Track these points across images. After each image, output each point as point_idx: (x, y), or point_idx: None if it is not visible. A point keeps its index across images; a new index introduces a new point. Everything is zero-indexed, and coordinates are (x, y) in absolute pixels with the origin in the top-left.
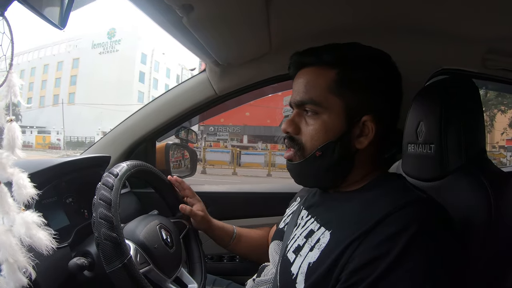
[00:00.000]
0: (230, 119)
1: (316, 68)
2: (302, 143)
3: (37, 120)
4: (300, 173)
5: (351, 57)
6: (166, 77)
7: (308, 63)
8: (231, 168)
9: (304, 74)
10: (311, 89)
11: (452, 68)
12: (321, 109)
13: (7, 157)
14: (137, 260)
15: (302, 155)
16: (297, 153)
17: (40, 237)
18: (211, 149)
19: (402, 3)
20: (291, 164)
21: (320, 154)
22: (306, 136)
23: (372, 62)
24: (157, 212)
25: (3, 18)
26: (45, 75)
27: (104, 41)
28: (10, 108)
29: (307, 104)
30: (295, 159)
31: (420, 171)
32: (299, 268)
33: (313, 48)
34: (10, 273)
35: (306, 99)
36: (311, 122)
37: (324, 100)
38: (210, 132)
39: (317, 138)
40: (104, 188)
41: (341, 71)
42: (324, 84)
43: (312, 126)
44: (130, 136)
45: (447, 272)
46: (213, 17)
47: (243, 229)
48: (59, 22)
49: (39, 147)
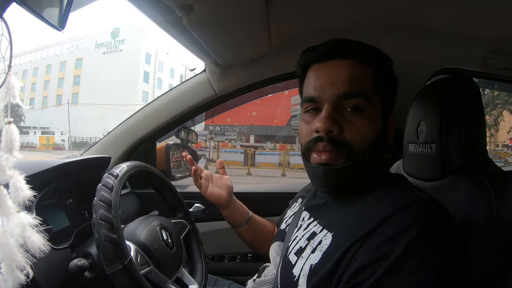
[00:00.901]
0: (237, 119)
1: (357, 61)
2: (348, 142)
3: (40, 120)
4: (343, 178)
5: (382, 57)
6: (170, 77)
7: (350, 54)
8: (244, 169)
9: (344, 66)
10: (358, 81)
11: (453, 68)
12: (367, 104)
13: (6, 159)
14: (138, 261)
15: (349, 156)
16: (343, 155)
17: (34, 240)
18: (225, 149)
19: (403, 3)
20: (332, 169)
21: (369, 154)
22: (353, 134)
23: (391, 65)
24: (158, 212)
25: (2, 19)
26: (48, 76)
27: (108, 41)
28: (9, 110)
29: (354, 97)
30: (338, 162)
31: (420, 171)
32: (301, 270)
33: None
34: (9, 272)
35: (354, 91)
36: (356, 119)
37: (371, 94)
38: (218, 132)
39: (367, 136)
40: (104, 189)
41: (378, 70)
42: (370, 78)
43: (360, 124)
44: (131, 136)
45: (448, 273)
46: (212, 18)
47: (257, 216)
48: (58, 23)
49: (43, 148)
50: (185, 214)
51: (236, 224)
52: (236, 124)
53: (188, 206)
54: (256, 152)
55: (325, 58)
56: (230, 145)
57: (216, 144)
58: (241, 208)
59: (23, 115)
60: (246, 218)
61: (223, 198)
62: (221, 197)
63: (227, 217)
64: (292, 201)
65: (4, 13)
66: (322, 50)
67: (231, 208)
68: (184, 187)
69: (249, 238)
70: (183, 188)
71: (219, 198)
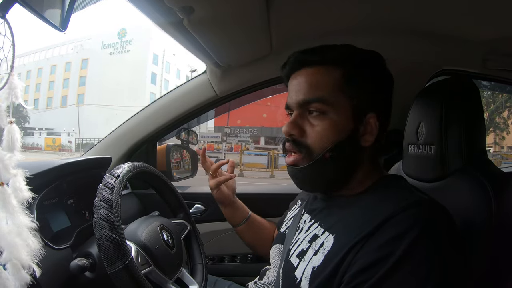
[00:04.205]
0: (247, 121)
1: (320, 67)
2: (308, 145)
3: (45, 121)
4: (307, 178)
5: (353, 56)
6: (176, 78)
7: (311, 62)
8: (268, 171)
9: (306, 74)
10: (317, 87)
11: (453, 69)
12: (328, 107)
13: (10, 158)
14: (138, 261)
15: (309, 158)
16: (303, 156)
17: (29, 244)
18: (248, 151)
19: (402, 4)
20: (296, 169)
21: (330, 155)
22: (313, 138)
23: (370, 62)
24: (158, 213)
25: (4, 20)
26: (53, 76)
27: (114, 41)
28: (11, 109)
29: (313, 103)
30: (301, 163)
31: (420, 172)
32: (303, 272)
33: (314, 48)
34: (15, 272)
35: (312, 98)
36: (318, 123)
37: (332, 98)
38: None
39: (326, 138)
40: (105, 189)
41: (347, 70)
42: (331, 82)
43: (320, 127)
44: (131, 137)
45: (449, 274)
46: (213, 19)
47: (257, 216)
48: (60, 24)
49: (48, 149)
50: (185, 215)
51: (236, 222)
52: (247, 126)
53: (188, 206)
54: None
55: (294, 69)
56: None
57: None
58: (241, 207)
59: (28, 116)
60: (246, 217)
61: (230, 197)
62: (228, 196)
63: (228, 215)
64: (292, 203)
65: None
66: (290, 63)
67: (233, 207)
68: (184, 188)
69: (248, 237)
70: (183, 189)
71: (226, 197)
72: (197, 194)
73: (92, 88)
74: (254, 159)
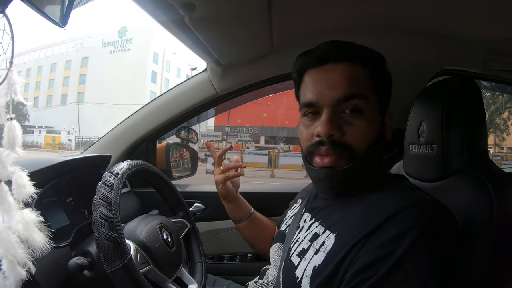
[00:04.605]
0: (247, 120)
1: (353, 63)
2: (349, 145)
3: (45, 119)
4: (347, 179)
5: (375, 56)
6: (176, 77)
7: (344, 58)
8: (268, 170)
9: (339, 68)
10: (355, 83)
11: (454, 69)
12: (366, 105)
13: (8, 155)
14: (137, 260)
15: (351, 158)
16: (341, 157)
17: (35, 238)
18: (248, 151)
19: (403, 4)
20: (335, 170)
21: (370, 154)
22: (354, 137)
23: (384, 64)
24: (158, 211)
25: (4, 15)
26: (53, 74)
27: (115, 39)
28: (11, 106)
29: (353, 99)
30: (340, 164)
31: (421, 171)
32: (304, 271)
33: (345, 42)
34: (10, 268)
35: (353, 93)
36: (355, 121)
37: (369, 95)
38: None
39: (367, 137)
40: (105, 187)
41: (373, 69)
42: (366, 79)
43: (361, 125)
44: (131, 135)
45: (450, 273)
46: (214, 16)
47: (259, 214)
48: (60, 20)
49: (48, 148)
50: (185, 214)
51: (238, 218)
52: (247, 125)
53: (188, 205)
54: (279, 154)
55: (319, 62)
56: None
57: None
58: (243, 204)
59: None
60: (248, 214)
61: (233, 193)
62: (232, 192)
63: (230, 210)
64: (292, 202)
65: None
66: (316, 55)
67: (235, 203)
68: (184, 186)
69: (249, 234)
70: (183, 188)
71: (230, 193)
72: (197, 192)
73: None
74: (254, 158)
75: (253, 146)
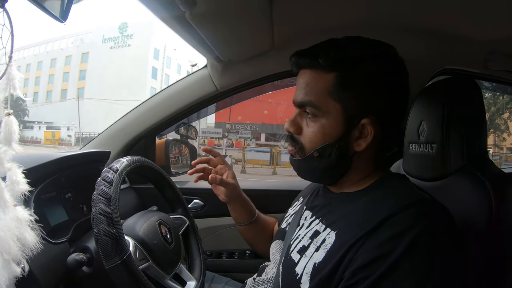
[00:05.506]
0: (248, 117)
1: (313, 70)
2: (301, 143)
3: (45, 115)
4: (300, 169)
5: (350, 59)
6: (177, 73)
7: (305, 65)
8: (270, 168)
9: (304, 75)
10: (310, 91)
11: (454, 68)
12: (320, 112)
13: (5, 152)
14: (136, 256)
15: (301, 154)
16: (297, 151)
17: (26, 237)
18: (250, 148)
19: (404, 3)
20: (293, 159)
21: (318, 155)
22: (305, 138)
23: (374, 59)
24: (157, 208)
25: (4, 10)
26: (52, 69)
27: (115, 35)
28: (9, 101)
29: (307, 106)
30: (295, 156)
31: (421, 170)
32: (304, 268)
33: (311, 48)
34: (4, 265)
35: (306, 101)
36: (311, 124)
37: (323, 104)
38: (231, 130)
39: (315, 140)
40: (104, 183)
41: (339, 75)
42: (322, 88)
43: (311, 129)
44: (130, 131)
45: (449, 273)
46: (215, 13)
47: (262, 215)
48: (60, 14)
49: (47, 143)
50: (184, 210)
51: (241, 221)
52: (247, 122)
53: (187, 202)
54: (281, 152)
55: (298, 67)
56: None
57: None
58: (248, 208)
59: (27, 110)
60: (251, 218)
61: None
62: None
63: (237, 210)
64: (294, 200)
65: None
66: (293, 61)
67: (243, 198)
68: (183, 183)
69: (250, 236)
70: (182, 184)
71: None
72: (196, 189)
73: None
74: (256, 155)
75: (254, 143)
